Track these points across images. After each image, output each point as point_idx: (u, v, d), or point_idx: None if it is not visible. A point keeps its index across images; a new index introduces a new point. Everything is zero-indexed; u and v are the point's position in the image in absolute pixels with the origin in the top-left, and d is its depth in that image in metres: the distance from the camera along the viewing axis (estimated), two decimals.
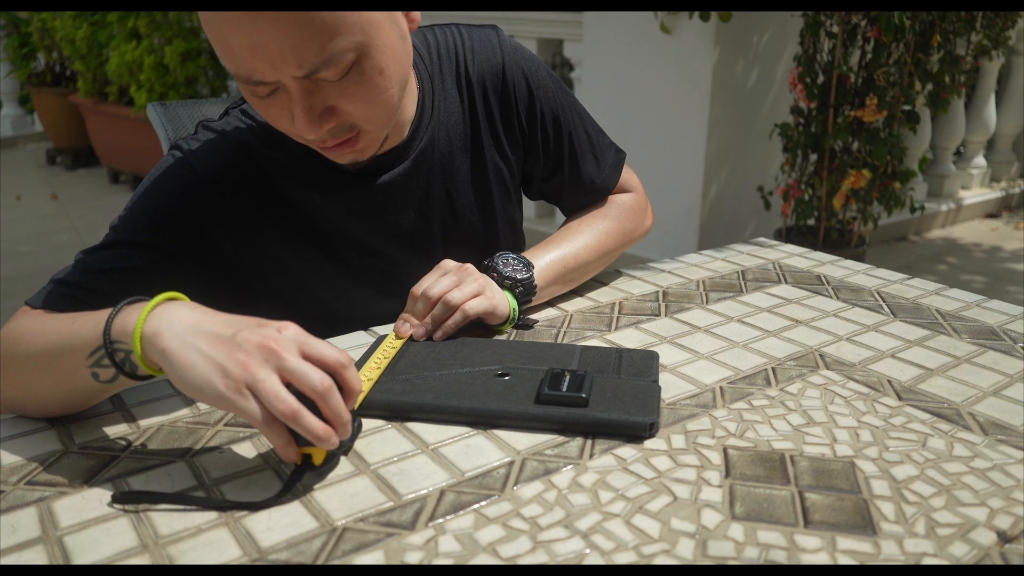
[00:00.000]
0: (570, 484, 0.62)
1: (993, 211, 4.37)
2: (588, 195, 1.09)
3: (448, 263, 0.90)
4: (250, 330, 0.61)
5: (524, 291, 0.91)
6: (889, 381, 0.79)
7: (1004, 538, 0.56)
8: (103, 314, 0.65)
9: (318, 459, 0.62)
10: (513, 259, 0.93)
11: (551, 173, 1.05)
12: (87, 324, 0.66)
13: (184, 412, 0.74)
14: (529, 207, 3.57)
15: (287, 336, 0.61)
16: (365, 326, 0.94)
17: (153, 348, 0.61)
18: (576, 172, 1.05)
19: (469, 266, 0.90)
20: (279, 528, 0.57)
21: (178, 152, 0.86)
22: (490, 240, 1.02)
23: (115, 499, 0.60)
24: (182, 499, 0.60)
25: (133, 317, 0.63)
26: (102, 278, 0.81)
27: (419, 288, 0.87)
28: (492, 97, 0.96)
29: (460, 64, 0.95)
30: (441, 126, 0.93)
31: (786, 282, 1.08)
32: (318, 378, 0.59)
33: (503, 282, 0.91)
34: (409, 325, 0.86)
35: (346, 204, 0.91)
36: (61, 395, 0.70)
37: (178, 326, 0.62)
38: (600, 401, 0.71)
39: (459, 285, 0.86)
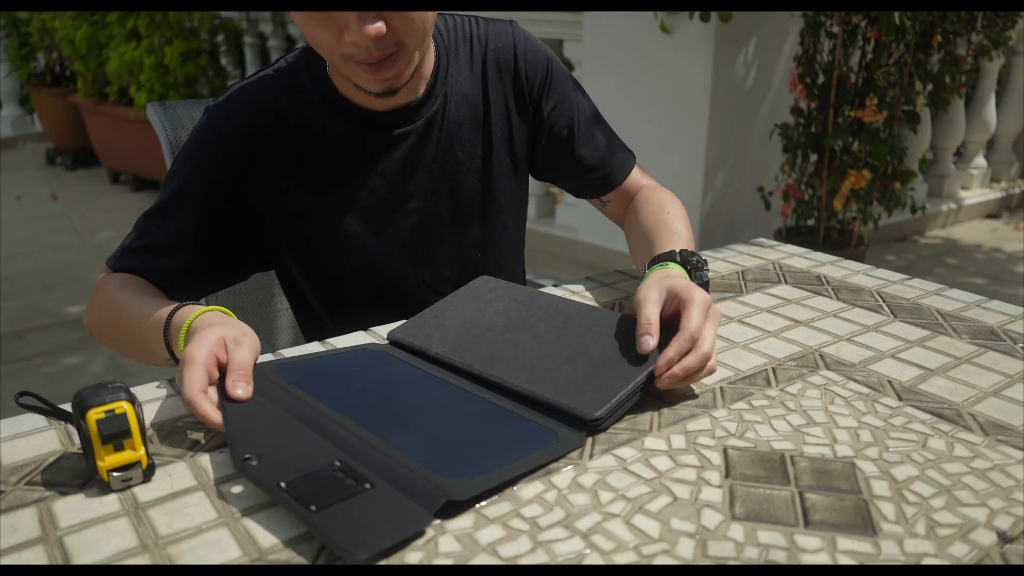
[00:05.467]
0: (570, 484, 0.62)
1: (993, 211, 4.37)
2: (603, 180, 1.12)
3: (710, 306, 0.78)
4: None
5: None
6: (889, 381, 0.79)
7: (1004, 538, 0.56)
8: (162, 319, 0.82)
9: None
10: (703, 267, 0.89)
11: (560, 152, 1.09)
12: (153, 337, 0.83)
13: (184, 412, 0.74)
14: (529, 209, 3.57)
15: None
16: (376, 292, 1.03)
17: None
18: (586, 150, 1.09)
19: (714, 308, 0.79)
20: (279, 528, 0.57)
21: (207, 116, 0.96)
22: (493, 207, 1.06)
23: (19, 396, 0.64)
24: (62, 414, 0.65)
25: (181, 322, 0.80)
26: (157, 239, 0.96)
27: (699, 334, 0.74)
28: (505, 77, 1.03)
29: (474, 47, 1.02)
30: (453, 95, 1.00)
31: (786, 282, 1.08)
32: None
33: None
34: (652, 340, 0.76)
35: (365, 154, 0.97)
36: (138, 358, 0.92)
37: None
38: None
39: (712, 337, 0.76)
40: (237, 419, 0.67)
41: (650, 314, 0.76)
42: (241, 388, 0.70)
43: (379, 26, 0.79)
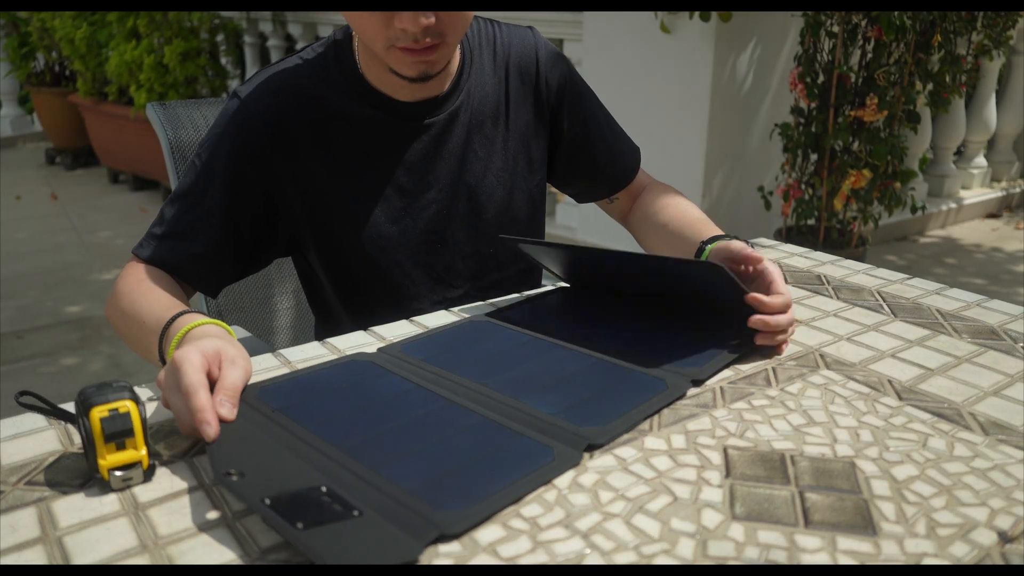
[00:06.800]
0: (570, 484, 0.62)
1: (994, 211, 4.37)
2: (616, 180, 1.17)
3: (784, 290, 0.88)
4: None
5: None
6: (889, 381, 0.79)
7: (1004, 538, 0.56)
8: (160, 327, 0.81)
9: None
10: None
11: (578, 156, 1.13)
12: (152, 339, 0.82)
13: None
14: None
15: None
16: (395, 286, 1.03)
17: None
18: (602, 153, 1.14)
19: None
20: None
21: (233, 100, 0.97)
22: (509, 205, 1.08)
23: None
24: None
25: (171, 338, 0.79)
26: (183, 224, 0.96)
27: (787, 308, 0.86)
28: (526, 81, 1.07)
29: (497, 50, 1.06)
30: (475, 92, 1.04)
31: (786, 282, 1.07)
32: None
33: None
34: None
35: (388, 142, 0.99)
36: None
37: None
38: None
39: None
40: (219, 437, 0.65)
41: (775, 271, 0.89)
42: (227, 408, 0.68)
43: (428, 17, 0.84)
